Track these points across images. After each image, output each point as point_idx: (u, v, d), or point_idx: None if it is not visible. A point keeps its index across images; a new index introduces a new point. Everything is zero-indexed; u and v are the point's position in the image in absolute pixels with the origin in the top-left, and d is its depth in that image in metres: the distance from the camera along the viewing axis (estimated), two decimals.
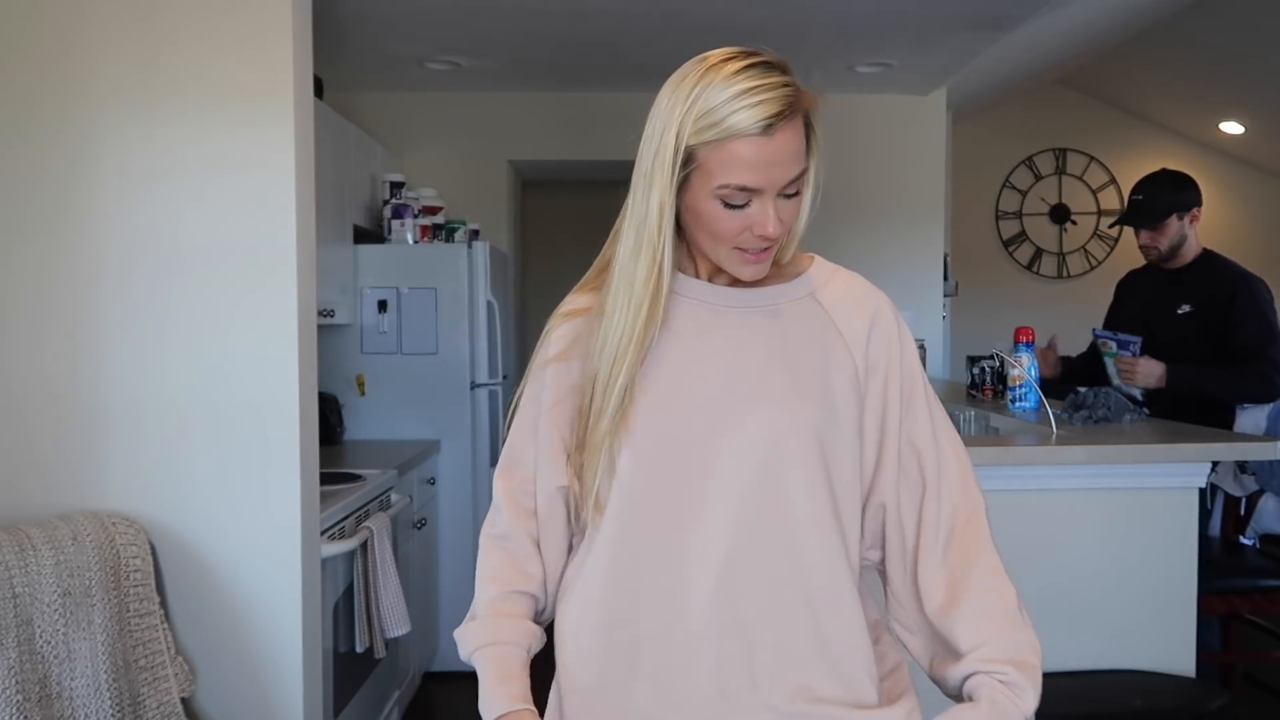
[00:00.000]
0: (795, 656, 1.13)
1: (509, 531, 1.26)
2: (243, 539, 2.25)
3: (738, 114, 1.06)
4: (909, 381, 1.22)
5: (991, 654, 1.15)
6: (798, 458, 1.14)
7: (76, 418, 2.23)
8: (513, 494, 1.26)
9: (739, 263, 1.15)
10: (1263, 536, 3.75)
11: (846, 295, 1.23)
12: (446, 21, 3.68)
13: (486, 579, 1.26)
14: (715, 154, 1.08)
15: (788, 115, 1.08)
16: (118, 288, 2.23)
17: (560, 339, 1.25)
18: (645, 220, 1.13)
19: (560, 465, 1.23)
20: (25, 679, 1.90)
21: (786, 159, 1.09)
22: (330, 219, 3.53)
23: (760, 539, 1.13)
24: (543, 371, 1.25)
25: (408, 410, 3.95)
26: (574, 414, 1.21)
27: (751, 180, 1.09)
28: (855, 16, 3.61)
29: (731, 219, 1.11)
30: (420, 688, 3.78)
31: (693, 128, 1.08)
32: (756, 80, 1.07)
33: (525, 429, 1.26)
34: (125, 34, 2.20)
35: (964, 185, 6.56)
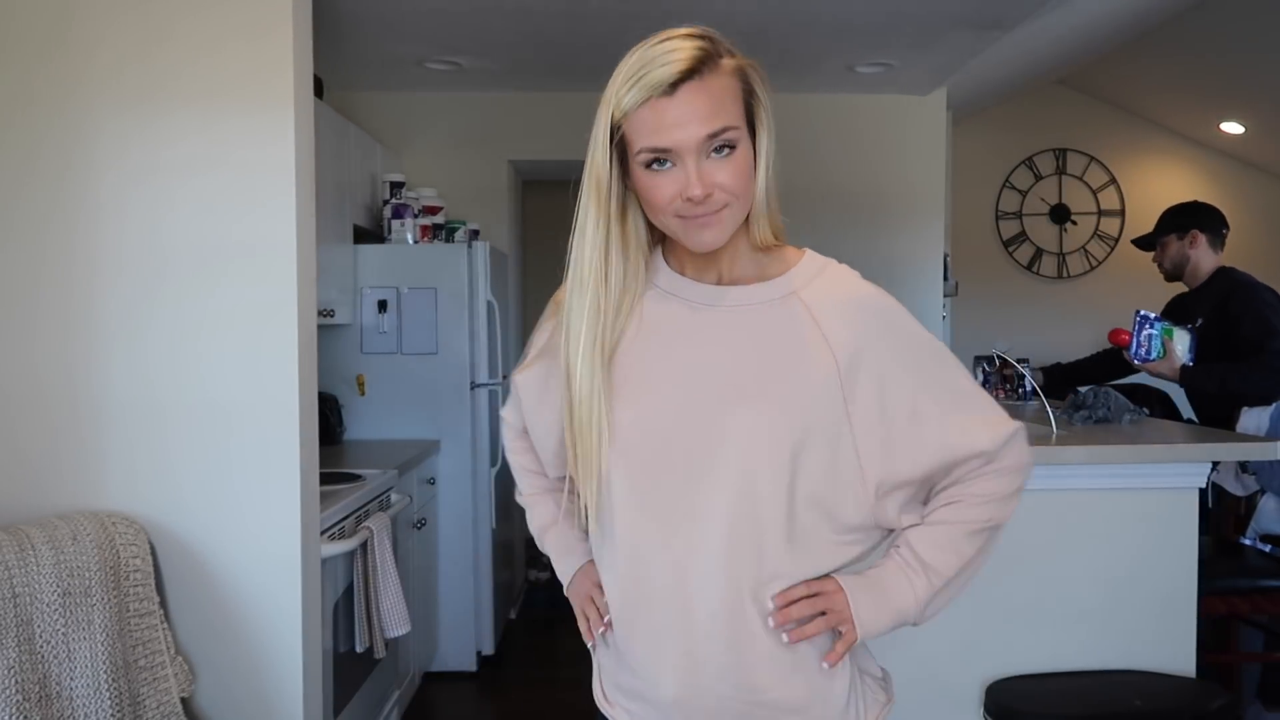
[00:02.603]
0: (746, 663, 1.18)
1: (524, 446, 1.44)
2: (243, 539, 2.25)
3: (648, 75, 1.10)
4: (909, 383, 1.19)
5: (915, 539, 1.22)
6: (764, 462, 1.14)
7: (76, 417, 2.23)
8: (508, 426, 1.45)
9: (686, 230, 1.15)
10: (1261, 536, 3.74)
11: (830, 293, 1.22)
12: (446, 21, 3.68)
13: (521, 470, 1.46)
14: (634, 121, 1.12)
15: (695, 73, 1.10)
16: (117, 286, 2.23)
17: (550, 327, 1.32)
18: (585, 208, 1.18)
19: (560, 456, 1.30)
20: (25, 679, 1.89)
21: (696, 116, 1.10)
22: (330, 219, 3.53)
23: (734, 543, 1.15)
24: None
25: (408, 410, 3.95)
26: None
27: (660, 140, 1.11)
28: (855, 16, 3.61)
29: (661, 185, 1.13)
30: (420, 688, 3.78)
31: (620, 97, 1.12)
32: (671, 45, 1.12)
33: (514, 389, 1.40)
34: (122, 30, 2.20)
35: (964, 185, 6.56)
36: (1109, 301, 6.45)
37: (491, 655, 4.11)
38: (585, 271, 1.19)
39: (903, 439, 1.18)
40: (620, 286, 1.20)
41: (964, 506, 1.22)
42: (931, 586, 1.21)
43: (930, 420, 1.19)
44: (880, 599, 1.20)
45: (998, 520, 1.24)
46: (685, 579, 1.16)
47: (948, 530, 1.22)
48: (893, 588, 1.21)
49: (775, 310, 1.20)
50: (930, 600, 1.22)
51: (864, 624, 1.18)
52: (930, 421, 1.19)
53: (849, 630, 1.18)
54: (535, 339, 1.33)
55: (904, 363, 1.20)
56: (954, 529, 1.22)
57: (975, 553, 1.23)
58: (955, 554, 1.22)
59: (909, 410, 1.18)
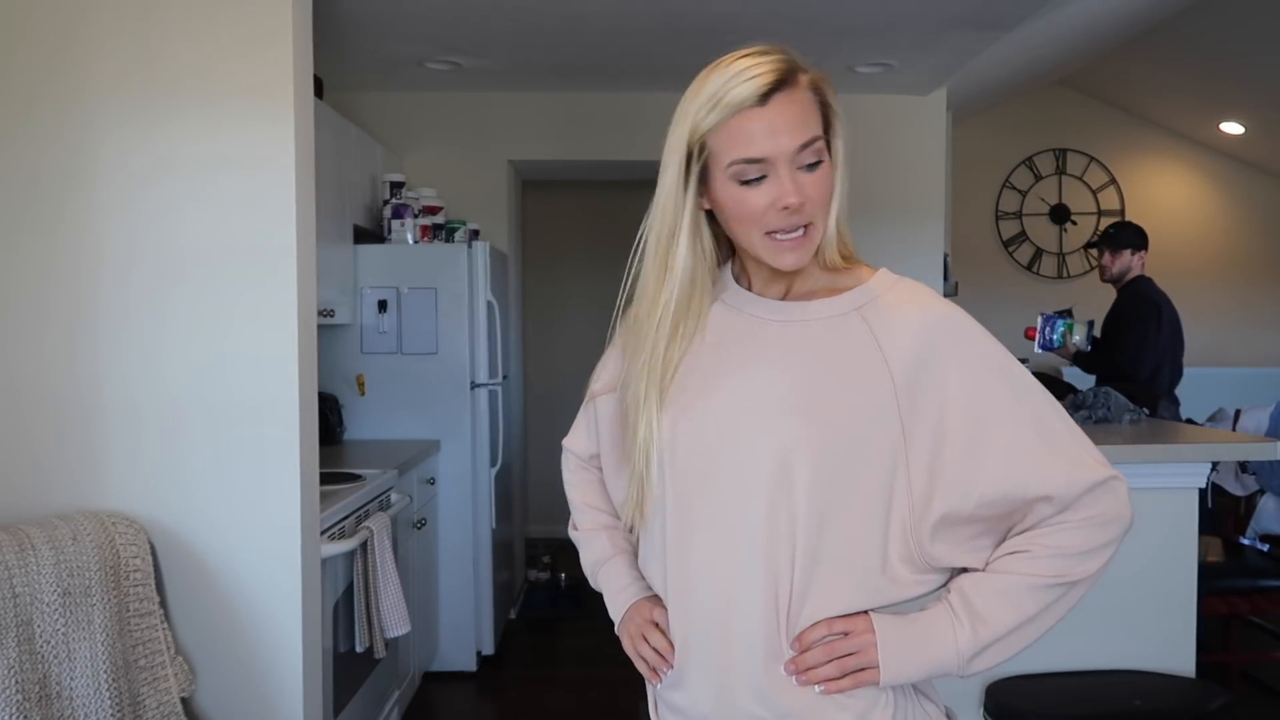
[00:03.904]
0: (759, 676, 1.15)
1: (583, 480, 1.43)
2: (243, 539, 2.25)
3: (733, 91, 1.10)
4: (973, 407, 1.11)
5: (969, 586, 1.13)
6: (801, 481, 1.10)
7: (76, 417, 2.23)
8: (570, 456, 1.43)
9: (775, 250, 1.14)
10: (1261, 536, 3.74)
11: (894, 311, 1.15)
12: (446, 21, 3.68)
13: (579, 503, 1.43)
14: (721, 135, 1.11)
15: (784, 85, 1.10)
16: (118, 287, 2.23)
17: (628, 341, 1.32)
18: (660, 223, 1.18)
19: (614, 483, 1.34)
20: (25, 678, 1.90)
21: (789, 126, 1.10)
22: (330, 219, 3.53)
23: (771, 563, 1.12)
24: (613, 362, 1.32)
25: (408, 410, 3.95)
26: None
27: (756, 150, 1.10)
28: (855, 16, 3.61)
29: (752, 198, 1.12)
30: (420, 688, 3.78)
31: (700, 117, 1.12)
32: (750, 61, 1.11)
33: (584, 406, 1.39)
34: (126, 33, 2.20)
35: (964, 185, 6.56)
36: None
37: (491, 655, 4.12)
38: (652, 289, 1.19)
39: (956, 468, 1.10)
40: (688, 304, 1.19)
41: (1030, 558, 1.11)
42: (977, 639, 1.10)
43: (993, 451, 1.09)
44: (917, 644, 1.11)
45: (1074, 578, 1.12)
46: (728, 595, 1.13)
47: (1008, 581, 1.11)
48: (933, 634, 1.11)
49: (834, 327, 1.16)
50: (977, 654, 1.11)
51: (890, 668, 1.10)
52: (992, 452, 1.09)
53: (871, 673, 1.10)
54: (608, 363, 1.33)
55: (970, 386, 1.11)
56: (1016, 580, 1.11)
57: (1040, 610, 1.12)
58: (1014, 609, 1.11)
59: (967, 437, 1.10)
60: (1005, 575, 1.12)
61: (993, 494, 1.10)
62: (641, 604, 1.27)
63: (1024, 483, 1.09)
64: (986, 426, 1.10)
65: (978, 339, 1.15)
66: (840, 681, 1.10)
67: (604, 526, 1.37)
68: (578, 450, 1.41)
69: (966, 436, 1.10)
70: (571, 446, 1.42)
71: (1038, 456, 1.10)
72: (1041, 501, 1.10)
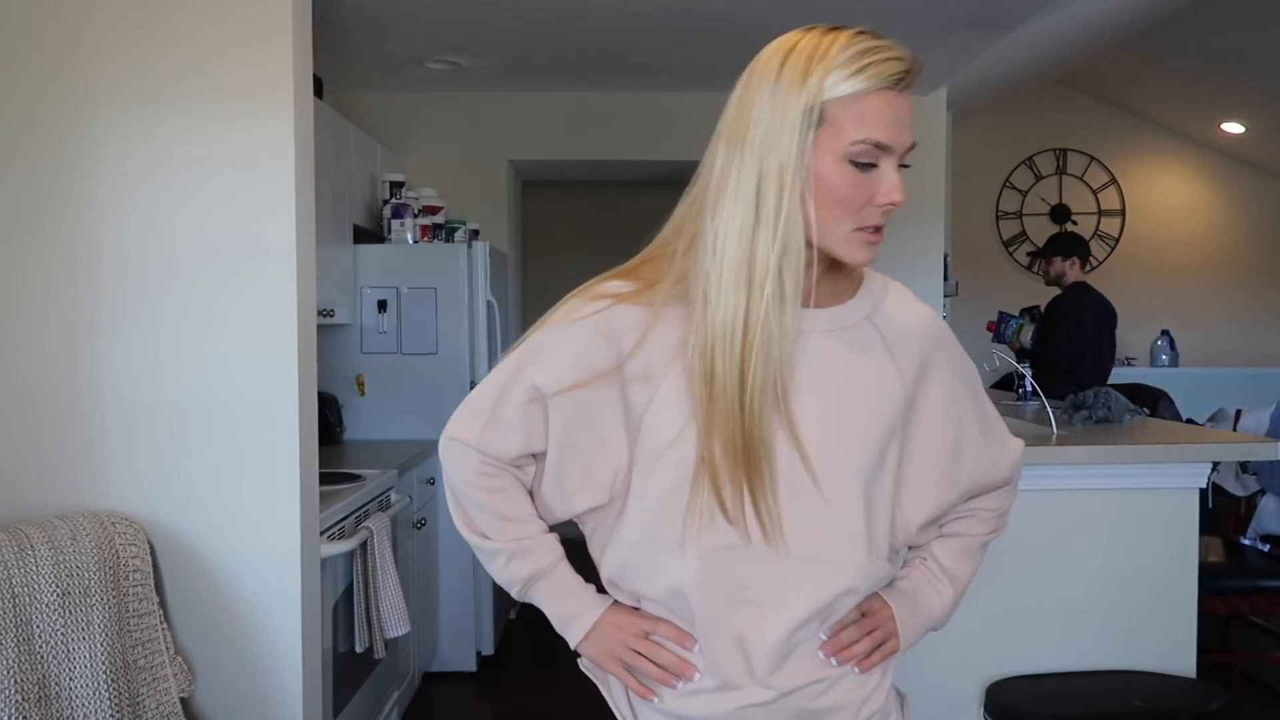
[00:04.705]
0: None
1: (501, 486, 1.22)
2: (242, 539, 2.25)
3: (874, 65, 1.02)
4: (955, 412, 1.21)
5: (939, 551, 1.27)
6: (859, 496, 1.13)
7: (75, 417, 2.23)
8: (485, 460, 1.20)
9: (859, 244, 1.07)
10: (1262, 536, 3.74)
11: (897, 317, 1.18)
12: (446, 21, 3.67)
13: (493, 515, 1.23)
14: (849, 109, 1.02)
15: (911, 77, 1.05)
16: (117, 287, 2.23)
17: (633, 327, 1.12)
18: (761, 188, 1.03)
19: (583, 490, 1.17)
20: (24, 679, 1.89)
21: (910, 120, 1.06)
22: (330, 219, 3.53)
23: (815, 588, 1.13)
24: (593, 349, 1.13)
25: (408, 410, 3.95)
26: (620, 431, 1.13)
27: (886, 135, 1.03)
28: (855, 16, 3.60)
29: (859, 185, 1.04)
30: (420, 688, 3.78)
31: (831, 80, 1.02)
32: (884, 41, 1.05)
33: (518, 402, 1.16)
34: (126, 33, 2.20)
35: (964, 185, 6.56)
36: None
37: (491, 655, 4.11)
38: (746, 271, 1.04)
39: (943, 466, 1.20)
40: (795, 291, 1.05)
41: (977, 520, 1.27)
42: (955, 595, 1.26)
43: (970, 447, 1.22)
44: (916, 611, 1.23)
45: (1000, 533, 1.30)
46: (811, 602, 1.12)
47: (965, 542, 1.27)
48: (924, 598, 1.24)
49: (855, 337, 1.15)
50: (952, 607, 1.27)
51: (906, 638, 1.21)
52: (970, 448, 1.22)
53: (893, 642, 1.20)
54: (564, 350, 1.14)
55: (951, 389, 1.21)
56: (970, 540, 1.27)
57: (981, 562, 1.30)
58: (970, 564, 1.28)
59: (954, 437, 1.20)
60: (961, 538, 1.27)
61: (969, 485, 1.23)
62: (621, 612, 1.19)
63: (994, 472, 1.25)
64: (963, 426, 1.21)
65: (955, 343, 1.23)
66: (872, 657, 1.18)
67: (541, 533, 1.23)
68: (494, 450, 1.19)
69: (953, 436, 1.20)
70: (483, 445, 1.19)
71: (996, 447, 1.26)
72: (1001, 485, 1.27)
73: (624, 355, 1.12)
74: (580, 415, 1.14)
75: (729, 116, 1.08)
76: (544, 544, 1.22)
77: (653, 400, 1.11)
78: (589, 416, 1.14)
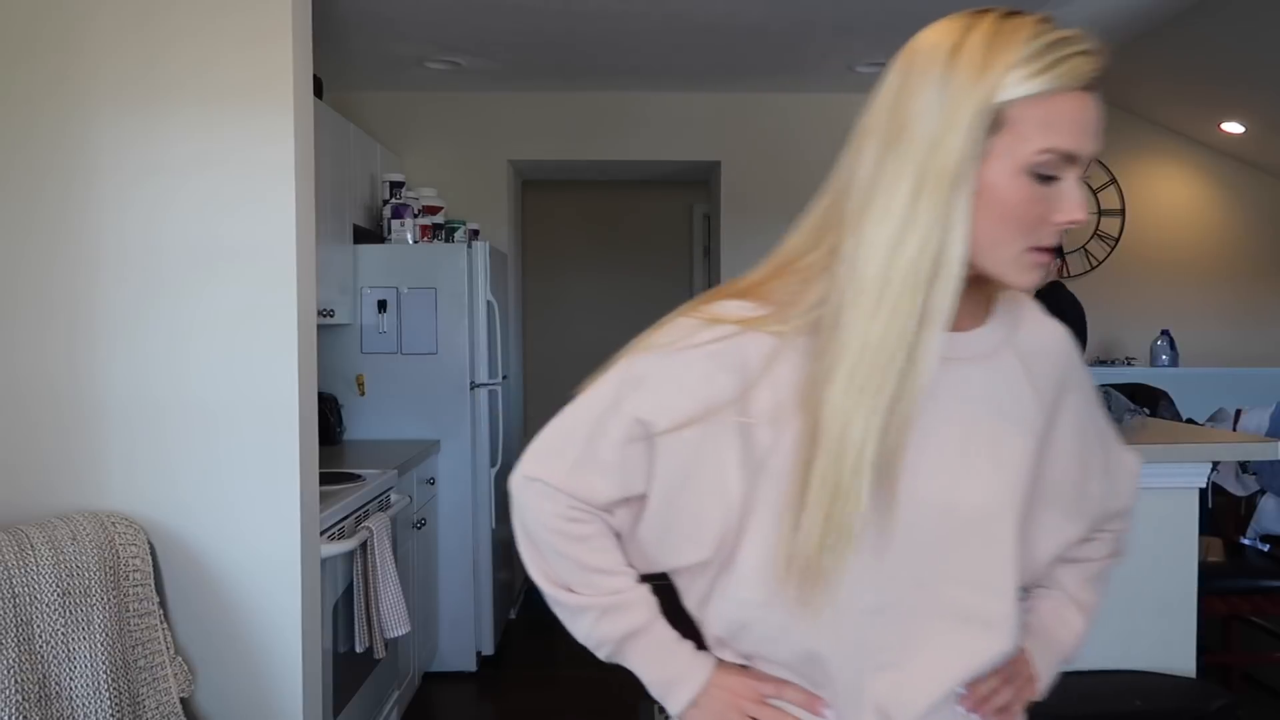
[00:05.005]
0: None
1: (590, 534, 1.05)
2: (242, 539, 2.25)
3: (1066, 61, 0.87)
4: (1086, 437, 1.08)
5: (1065, 578, 1.16)
6: (1002, 547, 0.99)
7: (75, 417, 2.23)
8: (573, 505, 1.03)
9: (1028, 266, 0.92)
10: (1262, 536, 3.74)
11: (1037, 340, 1.05)
12: (446, 21, 3.67)
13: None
14: (1033, 112, 0.87)
15: (1100, 76, 0.90)
16: (117, 286, 2.23)
17: (762, 359, 0.96)
18: (917, 197, 0.88)
19: (689, 542, 1.00)
20: (24, 679, 1.89)
21: (1098, 127, 0.90)
22: (330, 219, 3.53)
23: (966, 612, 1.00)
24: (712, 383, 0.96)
25: (408, 410, 3.95)
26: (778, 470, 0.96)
27: (1075, 144, 0.88)
28: (855, 16, 3.60)
29: (1036, 200, 0.89)
30: (420, 688, 3.78)
31: (1012, 77, 0.86)
32: (1073, 35, 0.89)
33: (616, 440, 1.00)
34: (125, 33, 2.20)
35: None
36: (1109, 301, 6.44)
37: (491, 655, 4.11)
38: (887, 290, 0.89)
39: (1077, 496, 1.08)
40: (942, 317, 0.90)
41: (1100, 543, 1.16)
42: (1085, 624, 1.16)
43: (1096, 475, 1.10)
44: (1049, 647, 1.14)
45: (1120, 556, 1.20)
46: (917, 649, 0.99)
47: (1091, 567, 1.17)
48: (1055, 632, 1.14)
49: (996, 364, 1.01)
50: (1084, 637, 1.16)
51: (1044, 678, 1.13)
52: (1097, 476, 1.10)
53: (1033, 686, 1.11)
54: (679, 384, 0.98)
55: (1087, 415, 1.09)
56: (1096, 565, 1.17)
57: (1106, 587, 1.19)
58: (1097, 591, 1.18)
59: (1084, 466, 1.08)
60: (1087, 563, 1.16)
61: (1099, 513, 1.12)
62: (730, 672, 1.04)
63: (1119, 496, 1.14)
64: (1092, 450, 1.10)
65: (1080, 358, 1.10)
66: (1014, 706, 1.08)
67: (634, 585, 1.06)
68: (584, 494, 1.02)
69: (1083, 463, 1.08)
70: (572, 488, 1.02)
71: (1118, 468, 1.14)
72: (1125, 511, 1.16)
73: (750, 391, 0.95)
74: (693, 457, 0.97)
75: (880, 110, 0.94)
76: (638, 598, 1.06)
77: (781, 443, 0.95)
78: (703, 459, 0.97)
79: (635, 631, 1.06)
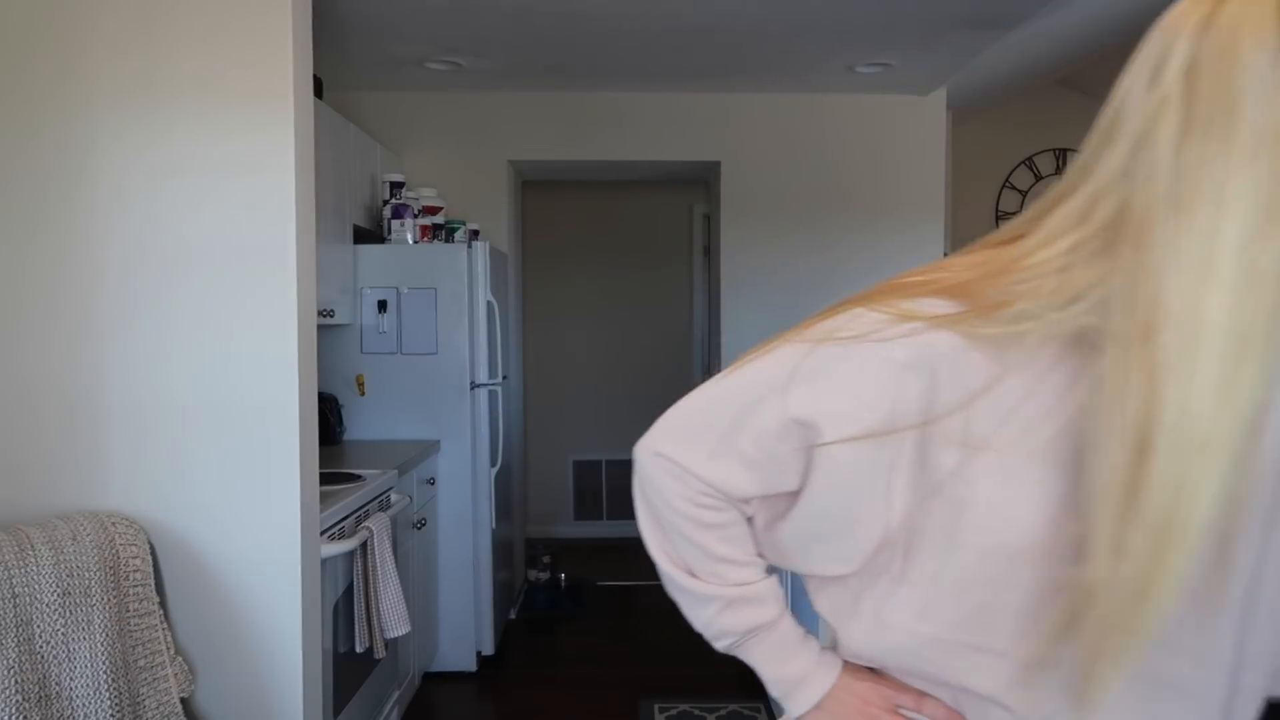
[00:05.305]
0: None
1: (723, 522, 0.95)
2: (242, 539, 2.25)
3: None
4: None
5: None
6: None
7: (76, 417, 2.23)
8: (706, 492, 0.94)
9: None
10: None
11: None
12: (446, 21, 3.68)
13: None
14: None
15: None
16: (117, 288, 2.23)
17: (959, 369, 0.82)
18: (1273, 175, 0.70)
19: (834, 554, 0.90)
20: (24, 679, 1.90)
21: None
22: (330, 219, 3.53)
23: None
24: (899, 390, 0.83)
25: (408, 410, 3.95)
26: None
27: None
28: (855, 16, 3.61)
29: None
30: (420, 688, 3.78)
31: None
32: None
33: (768, 436, 0.88)
34: (127, 36, 2.21)
35: (964, 185, 6.56)
36: None
37: (491, 655, 4.12)
38: (1259, 286, 0.70)
39: None
40: None
41: None
42: None
43: None
44: None
45: None
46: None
47: None
48: None
49: None
50: None
51: None
52: None
53: None
54: (854, 388, 0.85)
55: None
56: None
57: None
58: None
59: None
60: None
61: None
62: (859, 677, 0.95)
63: None
64: None
65: None
66: None
67: (765, 578, 0.99)
68: (720, 484, 0.92)
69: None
70: (707, 476, 0.92)
71: None
72: None
73: (938, 406, 0.82)
74: (858, 473, 0.86)
75: (1174, 78, 0.74)
76: (768, 591, 0.98)
77: (971, 469, 0.82)
78: (869, 474, 0.86)
79: (761, 627, 0.98)
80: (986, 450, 0.81)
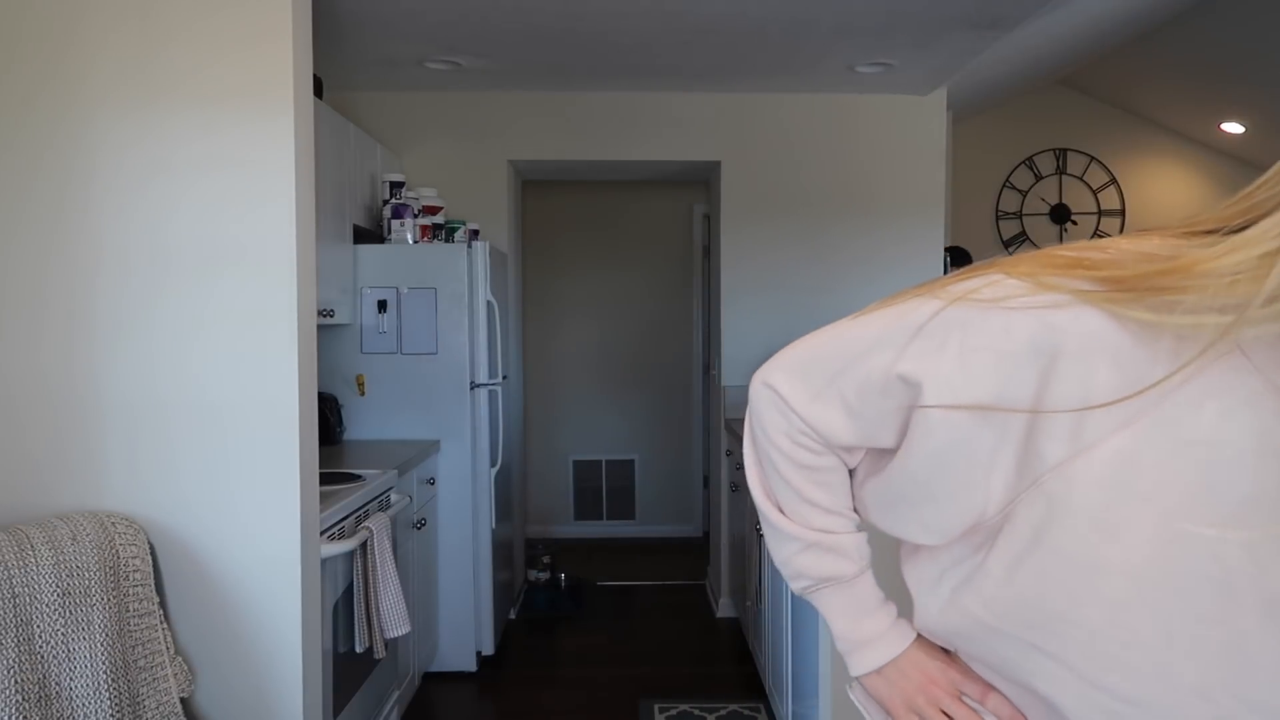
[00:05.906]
0: None
1: (819, 465, 0.94)
2: (242, 539, 2.25)
3: None
4: None
5: None
6: None
7: (76, 417, 2.23)
8: (805, 431, 0.91)
9: None
10: None
11: None
12: (446, 21, 3.67)
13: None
14: None
15: None
16: (116, 287, 2.23)
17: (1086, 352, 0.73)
18: None
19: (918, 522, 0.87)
20: (24, 679, 1.89)
21: None
22: (330, 219, 3.53)
23: None
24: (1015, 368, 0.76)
25: (408, 410, 3.95)
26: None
27: None
28: (855, 16, 3.61)
29: None
30: (420, 688, 3.78)
31: None
32: None
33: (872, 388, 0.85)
34: (125, 31, 2.20)
35: (964, 185, 6.56)
36: None
37: (491, 655, 4.11)
38: None
39: None
40: None
41: None
42: None
43: None
44: None
45: None
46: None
47: None
48: None
49: None
50: None
51: None
52: None
53: None
54: (968, 356, 0.78)
55: None
56: None
57: None
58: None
59: None
60: None
61: None
62: (930, 654, 0.93)
63: None
64: None
65: None
66: None
67: (852, 530, 0.97)
68: (819, 426, 0.90)
69: None
70: (807, 416, 0.90)
71: None
72: None
73: (1053, 395, 0.74)
74: (957, 444, 0.80)
75: None
76: (852, 545, 0.97)
77: (1074, 468, 0.74)
78: (969, 448, 0.80)
79: (837, 578, 0.97)
80: (1098, 449, 0.73)
